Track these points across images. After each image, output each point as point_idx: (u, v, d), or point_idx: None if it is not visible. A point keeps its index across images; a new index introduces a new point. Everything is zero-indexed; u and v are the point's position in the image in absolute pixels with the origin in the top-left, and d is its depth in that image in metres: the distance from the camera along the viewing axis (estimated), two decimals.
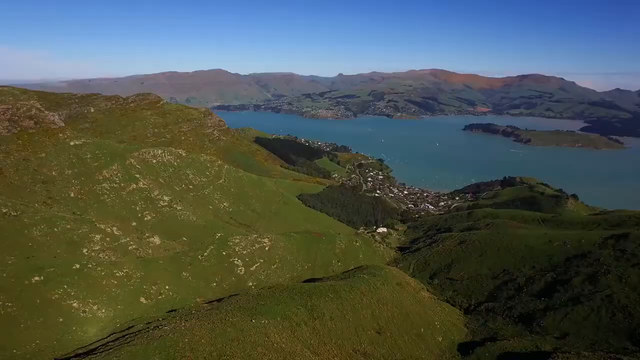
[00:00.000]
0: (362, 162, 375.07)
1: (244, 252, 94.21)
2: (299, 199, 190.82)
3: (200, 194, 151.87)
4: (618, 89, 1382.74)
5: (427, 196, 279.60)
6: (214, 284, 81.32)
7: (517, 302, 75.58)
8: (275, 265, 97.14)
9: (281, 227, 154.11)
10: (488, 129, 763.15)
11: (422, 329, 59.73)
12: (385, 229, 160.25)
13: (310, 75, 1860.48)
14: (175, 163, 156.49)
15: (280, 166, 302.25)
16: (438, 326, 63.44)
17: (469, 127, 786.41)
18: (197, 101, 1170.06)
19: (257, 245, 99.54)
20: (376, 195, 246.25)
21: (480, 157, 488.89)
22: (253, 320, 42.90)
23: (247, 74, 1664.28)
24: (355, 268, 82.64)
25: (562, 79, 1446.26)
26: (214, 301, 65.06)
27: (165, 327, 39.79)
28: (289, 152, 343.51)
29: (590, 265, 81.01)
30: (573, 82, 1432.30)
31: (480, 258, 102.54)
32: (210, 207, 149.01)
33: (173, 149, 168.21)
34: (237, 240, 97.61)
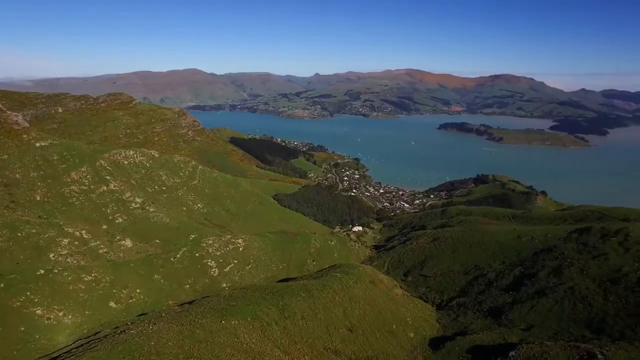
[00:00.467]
0: (339, 161, 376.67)
1: (218, 253, 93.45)
2: (274, 199, 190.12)
3: (173, 195, 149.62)
4: (584, 89, 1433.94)
5: (402, 195, 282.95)
6: (187, 286, 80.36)
7: (487, 297, 77.51)
8: (249, 266, 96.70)
9: (256, 227, 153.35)
10: (462, 128, 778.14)
11: (394, 326, 60.53)
12: (360, 228, 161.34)
13: (287, 75, 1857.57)
14: (147, 164, 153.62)
15: (256, 166, 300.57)
16: (410, 322, 64.40)
17: (444, 126, 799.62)
18: (171, 101, 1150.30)
19: (231, 246, 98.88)
20: (352, 194, 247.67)
21: (454, 155, 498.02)
22: (223, 321, 42.68)
23: (223, 73, 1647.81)
24: (329, 267, 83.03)
25: (532, 79, 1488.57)
26: (186, 303, 64.33)
27: (132, 331, 39.13)
28: (265, 152, 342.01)
29: (556, 258, 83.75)
30: (542, 83, 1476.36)
31: (453, 254, 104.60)
32: (184, 208, 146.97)
33: (145, 149, 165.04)
34: (210, 242, 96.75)
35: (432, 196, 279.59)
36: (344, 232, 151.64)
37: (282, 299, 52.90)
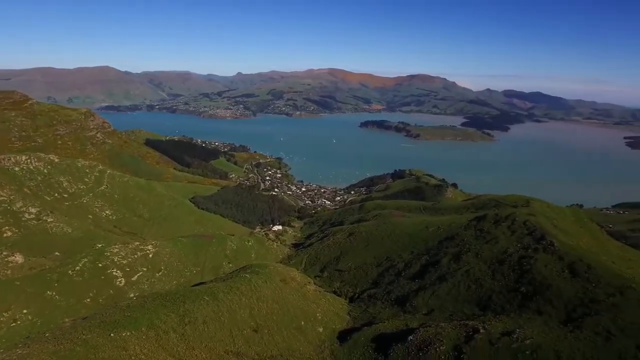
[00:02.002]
0: (261, 161, 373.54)
1: (124, 262, 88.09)
2: (191, 201, 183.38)
3: (77, 203, 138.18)
4: (489, 89, 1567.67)
5: (324, 192, 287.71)
6: (88, 300, 74.68)
7: (395, 286, 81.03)
8: (160, 273, 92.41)
9: (172, 232, 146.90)
10: (382, 125, 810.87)
11: (303, 322, 60.98)
12: (280, 227, 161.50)
13: (208, 74, 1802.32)
14: (45, 170, 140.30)
15: (174, 169, 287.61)
16: (320, 317, 65.28)
17: (365, 124, 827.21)
18: (80, 101, 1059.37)
19: (139, 253, 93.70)
20: (273, 193, 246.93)
21: (375, 152, 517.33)
22: (112, 334, 40.01)
23: (139, 72, 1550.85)
24: (239, 268, 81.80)
25: (445, 79, 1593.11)
26: (80, 319, 59.66)
27: None
28: (184, 153, 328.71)
29: (457, 245, 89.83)
30: (454, 82, 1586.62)
31: (366, 248, 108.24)
32: (90, 216, 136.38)
33: (42, 154, 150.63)
34: (115, 250, 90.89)
35: (352, 192, 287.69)
36: (263, 232, 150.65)
37: (183, 304, 50.98)
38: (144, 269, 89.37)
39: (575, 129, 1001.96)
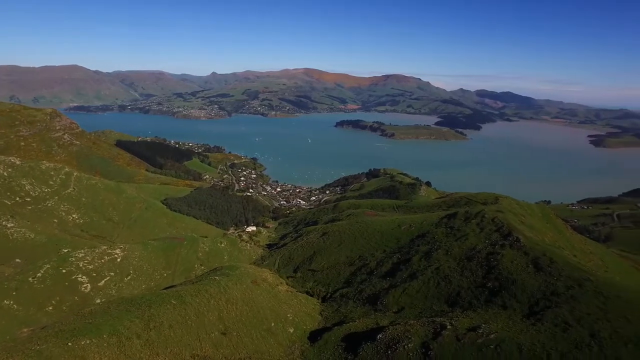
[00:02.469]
0: (235, 161, 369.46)
1: (90, 267, 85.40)
2: (163, 203, 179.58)
3: (41, 207, 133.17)
4: (462, 89, 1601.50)
5: (299, 192, 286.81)
6: (50, 308, 71.94)
7: (367, 285, 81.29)
8: (129, 277, 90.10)
9: (143, 235, 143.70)
10: (357, 124, 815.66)
11: (273, 323, 60.50)
12: (254, 228, 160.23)
13: (182, 74, 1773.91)
14: (5, 173, 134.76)
15: (146, 170, 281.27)
16: (291, 318, 64.89)
17: (340, 124, 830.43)
18: (47, 101, 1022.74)
19: (106, 258, 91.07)
20: (248, 194, 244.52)
21: (350, 151, 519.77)
22: (70, 343, 38.53)
23: (110, 71, 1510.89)
24: (210, 270, 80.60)
25: (419, 79, 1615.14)
26: (38, 329, 57.39)
27: None
28: (156, 154, 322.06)
29: (428, 243, 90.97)
30: (428, 82, 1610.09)
31: (339, 247, 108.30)
32: (55, 220, 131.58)
33: (2, 156, 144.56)
34: (81, 255, 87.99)
35: (327, 192, 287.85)
36: (237, 233, 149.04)
37: (149, 309, 49.70)
38: (112, 274, 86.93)
39: (543, 128, 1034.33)
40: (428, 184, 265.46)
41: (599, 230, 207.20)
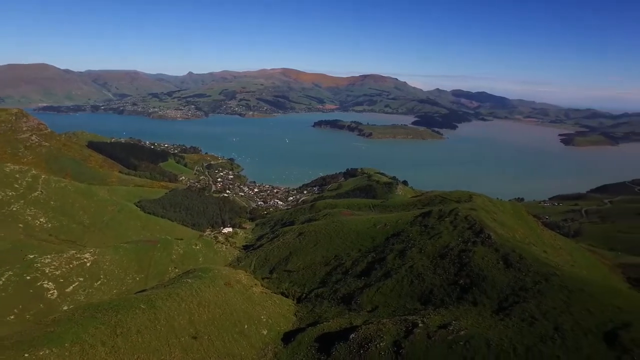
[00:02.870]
0: (212, 162, 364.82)
1: (57, 273, 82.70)
2: (137, 205, 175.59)
3: (5, 211, 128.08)
4: (438, 88, 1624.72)
5: (277, 192, 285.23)
6: (12, 317, 69.15)
7: (342, 285, 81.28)
8: (99, 282, 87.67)
9: (115, 238, 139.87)
10: (335, 124, 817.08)
11: (246, 326, 59.90)
12: (231, 229, 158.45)
13: (158, 74, 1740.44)
14: None
15: (119, 172, 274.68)
16: (264, 320, 64.38)
17: (318, 124, 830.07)
18: (14, 101, 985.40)
19: (75, 263, 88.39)
20: (225, 195, 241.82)
21: (328, 151, 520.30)
22: (26, 355, 37.04)
23: (81, 70, 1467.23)
24: (183, 273, 79.21)
25: (396, 79, 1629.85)
26: None
27: None
28: (130, 156, 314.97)
29: (402, 242, 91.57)
30: (405, 82, 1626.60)
31: (315, 247, 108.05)
32: (21, 225, 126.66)
33: None
34: (47, 260, 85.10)
35: (305, 192, 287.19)
36: (213, 234, 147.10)
37: (116, 314, 48.41)
38: (81, 279, 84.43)
39: (517, 127, 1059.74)
40: (405, 183, 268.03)
41: (568, 226, 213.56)
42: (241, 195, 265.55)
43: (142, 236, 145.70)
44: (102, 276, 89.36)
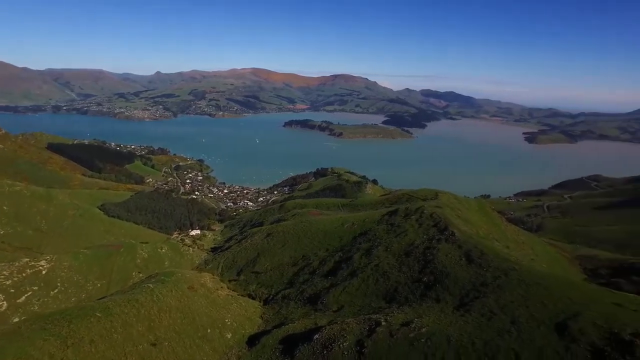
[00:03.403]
0: (181, 163, 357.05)
1: (8, 282, 78.65)
2: (100, 209, 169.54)
3: None
4: (408, 88, 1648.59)
5: (247, 193, 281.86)
6: None
7: (309, 285, 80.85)
8: (55, 291, 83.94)
9: (76, 244, 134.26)
10: (306, 124, 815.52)
11: (209, 330, 58.61)
12: (199, 231, 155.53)
13: (124, 73, 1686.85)
14: None
15: (82, 175, 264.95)
16: (229, 323, 63.20)
17: (289, 124, 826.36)
18: None
19: (28, 271, 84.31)
20: (193, 197, 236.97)
21: (298, 151, 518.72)
22: None
23: (41, 69, 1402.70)
24: (145, 278, 76.83)
25: (367, 79, 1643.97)
26: None
27: None
28: (94, 158, 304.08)
29: (369, 240, 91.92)
30: (375, 82, 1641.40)
31: (283, 248, 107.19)
32: None
33: None
34: None
35: (275, 192, 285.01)
36: (180, 237, 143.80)
37: (68, 324, 46.20)
38: (35, 288, 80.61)
39: (483, 126, 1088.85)
40: (375, 182, 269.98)
41: (531, 221, 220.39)
42: (210, 196, 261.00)
43: (106, 241, 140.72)
44: (59, 284, 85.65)
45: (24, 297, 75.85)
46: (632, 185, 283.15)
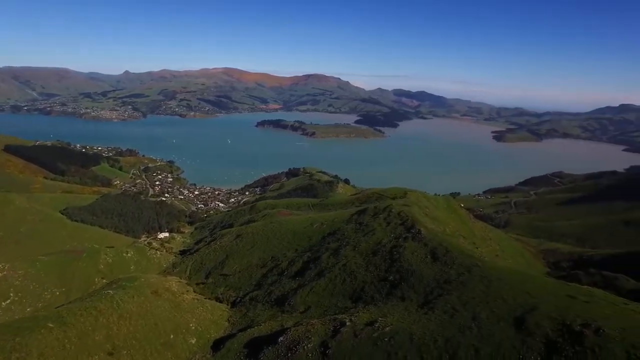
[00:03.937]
0: (150, 165, 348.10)
1: None
2: (63, 213, 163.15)
3: None
4: (380, 88, 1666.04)
5: (218, 194, 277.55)
6: None
7: (277, 287, 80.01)
8: (8, 301, 79.94)
9: (35, 250, 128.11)
10: (278, 124, 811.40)
11: (172, 336, 57.05)
12: (167, 234, 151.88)
13: (91, 72, 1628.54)
14: None
15: (44, 178, 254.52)
16: (193, 328, 61.78)
17: (261, 124, 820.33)
18: None
19: None
20: (163, 199, 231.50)
21: (271, 151, 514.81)
22: None
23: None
24: (106, 284, 74.18)
25: (339, 78, 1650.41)
26: None
27: None
28: (57, 160, 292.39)
29: (338, 240, 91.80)
30: (348, 82, 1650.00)
31: (252, 249, 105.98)
32: None
33: None
34: None
35: (247, 193, 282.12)
36: (147, 241, 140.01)
37: (14, 338, 43.77)
38: None
39: (454, 125, 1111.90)
40: (346, 181, 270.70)
41: (499, 217, 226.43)
42: (180, 198, 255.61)
43: (68, 246, 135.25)
44: (12, 294, 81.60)
45: None
46: (591, 182, 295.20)
